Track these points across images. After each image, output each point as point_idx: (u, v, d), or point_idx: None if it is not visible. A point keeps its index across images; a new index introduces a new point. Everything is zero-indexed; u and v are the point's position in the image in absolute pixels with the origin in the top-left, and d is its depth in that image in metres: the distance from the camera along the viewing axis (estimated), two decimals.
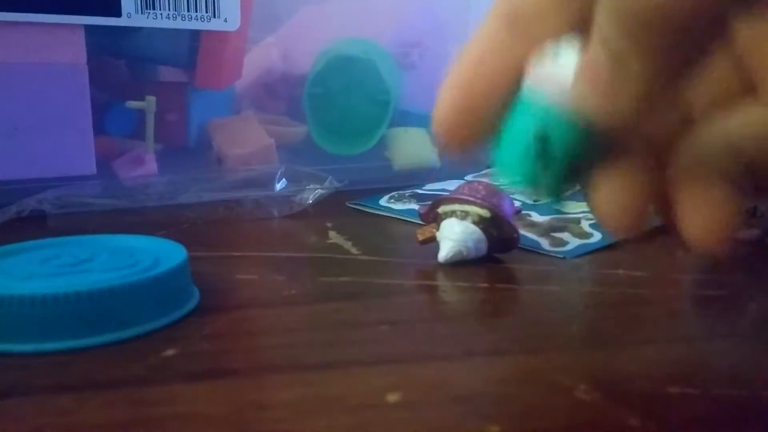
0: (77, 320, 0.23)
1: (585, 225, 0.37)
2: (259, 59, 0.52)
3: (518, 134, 0.20)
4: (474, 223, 0.32)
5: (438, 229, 0.33)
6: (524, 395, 0.20)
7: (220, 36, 0.44)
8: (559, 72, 0.20)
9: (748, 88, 0.22)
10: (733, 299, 0.29)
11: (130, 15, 0.40)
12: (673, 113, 0.24)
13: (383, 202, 0.44)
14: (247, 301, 0.28)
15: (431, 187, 0.47)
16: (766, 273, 0.33)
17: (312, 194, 0.43)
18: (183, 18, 0.42)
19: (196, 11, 0.42)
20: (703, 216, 0.21)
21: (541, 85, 0.20)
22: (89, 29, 0.40)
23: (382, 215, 0.42)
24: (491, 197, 0.32)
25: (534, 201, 0.20)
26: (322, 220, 0.41)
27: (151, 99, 0.44)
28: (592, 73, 0.18)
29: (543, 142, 0.20)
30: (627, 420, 0.19)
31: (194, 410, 0.19)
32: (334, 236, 0.38)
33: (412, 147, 0.51)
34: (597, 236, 0.36)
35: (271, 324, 0.26)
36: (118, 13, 0.40)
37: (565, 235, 0.36)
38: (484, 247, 0.32)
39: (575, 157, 0.20)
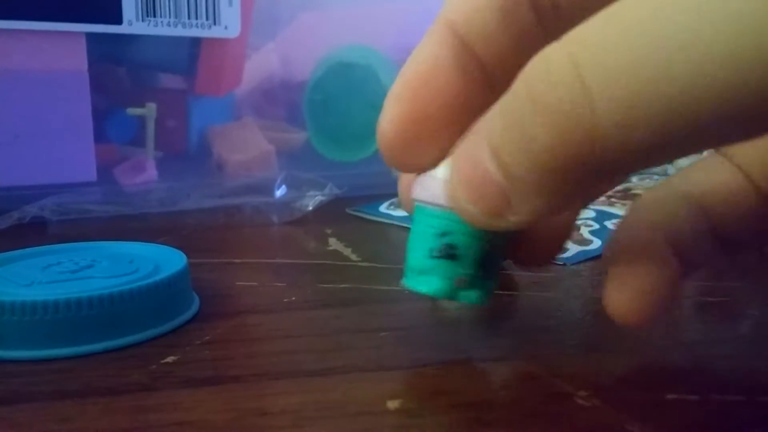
0: (78, 327, 0.23)
1: (585, 232, 0.38)
2: (259, 66, 0.52)
3: (422, 238, 0.21)
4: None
5: None
6: (524, 401, 0.20)
7: (221, 43, 0.44)
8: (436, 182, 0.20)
9: None
10: (733, 306, 0.29)
11: (131, 22, 0.40)
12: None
13: (383, 208, 0.44)
14: (247, 308, 0.28)
15: None
16: (766, 280, 0.33)
17: (312, 201, 0.43)
18: (183, 25, 0.42)
19: (197, 18, 0.42)
20: (628, 293, 0.21)
21: (429, 192, 0.20)
22: (90, 36, 0.40)
23: (382, 222, 0.42)
24: None
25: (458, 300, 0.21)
26: (321, 226, 0.41)
27: (152, 106, 0.44)
28: (478, 185, 0.17)
29: (444, 240, 0.21)
30: (626, 426, 0.19)
31: (195, 417, 0.19)
32: (333, 243, 0.38)
33: None
34: (597, 243, 0.36)
35: (271, 330, 0.26)
36: (119, 20, 0.40)
37: None
38: None
39: (480, 249, 0.20)
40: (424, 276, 0.21)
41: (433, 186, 0.20)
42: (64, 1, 0.39)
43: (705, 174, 0.22)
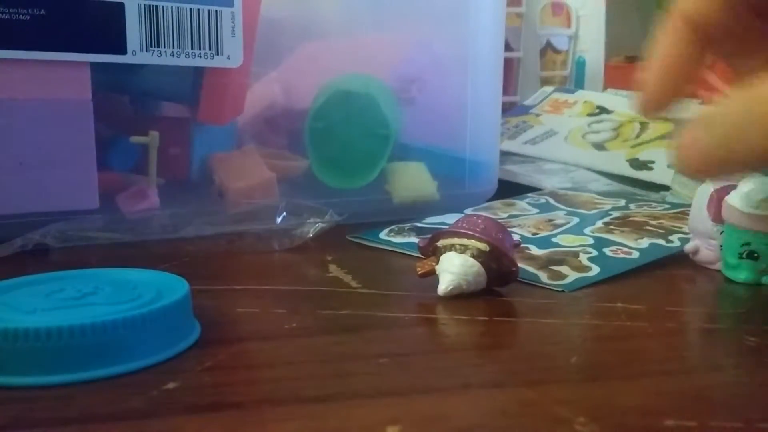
0: (80, 353, 0.23)
1: (583, 258, 0.38)
2: (260, 94, 0.53)
3: (732, 246, 0.34)
4: (473, 256, 0.32)
5: (437, 263, 0.33)
6: (523, 427, 0.20)
7: (223, 72, 0.45)
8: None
9: None
10: (730, 332, 0.29)
11: (135, 52, 0.41)
12: None
13: (383, 235, 0.44)
14: (247, 334, 0.28)
15: (431, 221, 0.47)
16: (762, 307, 0.33)
17: (312, 228, 0.43)
18: (187, 55, 0.42)
19: (200, 49, 0.43)
20: None
21: (734, 217, 0.33)
22: (94, 66, 0.41)
23: (382, 248, 0.42)
24: (490, 231, 0.33)
25: None
26: (322, 253, 0.41)
27: (155, 134, 0.44)
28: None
29: (747, 247, 0.33)
30: None
31: None
32: (334, 269, 0.38)
33: (412, 180, 0.52)
34: (595, 270, 0.36)
35: (271, 357, 0.26)
36: (123, 50, 0.41)
37: (563, 269, 0.36)
38: (483, 281, 0.33)
39: None
40: (736, 270, 0.34)
41: (736, 214, 0.33)
42: (70, 31, 0.40)
43: None
